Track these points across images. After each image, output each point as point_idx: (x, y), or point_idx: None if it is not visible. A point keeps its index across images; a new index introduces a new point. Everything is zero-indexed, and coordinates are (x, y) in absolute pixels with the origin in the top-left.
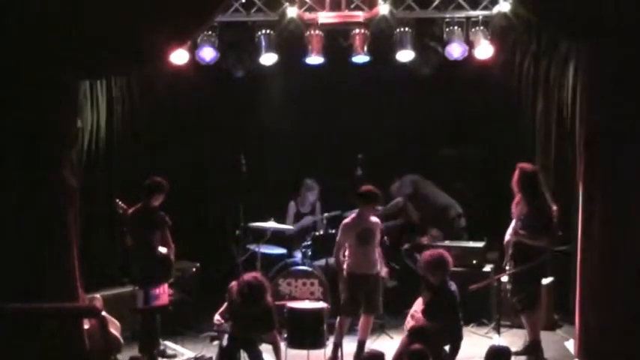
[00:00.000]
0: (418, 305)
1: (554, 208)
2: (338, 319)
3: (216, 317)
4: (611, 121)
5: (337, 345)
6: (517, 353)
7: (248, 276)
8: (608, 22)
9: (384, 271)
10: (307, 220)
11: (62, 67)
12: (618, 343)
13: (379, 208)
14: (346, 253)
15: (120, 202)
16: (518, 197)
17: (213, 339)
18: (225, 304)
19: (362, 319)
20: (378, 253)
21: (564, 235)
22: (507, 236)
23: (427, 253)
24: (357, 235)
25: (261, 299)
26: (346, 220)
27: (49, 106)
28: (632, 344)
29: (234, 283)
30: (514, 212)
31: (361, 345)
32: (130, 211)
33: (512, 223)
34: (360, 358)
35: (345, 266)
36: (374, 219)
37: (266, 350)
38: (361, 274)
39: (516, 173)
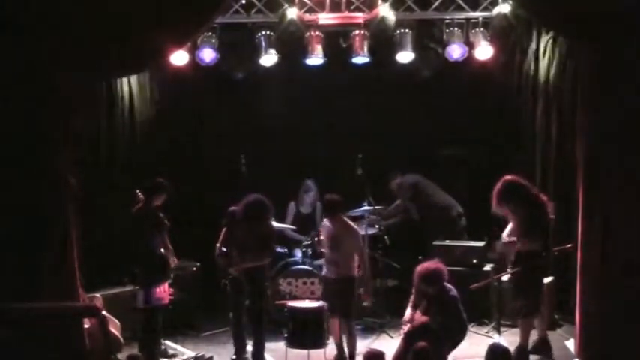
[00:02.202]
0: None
1: (551, 204)
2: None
3: (221, 251)
4: (611, 120)
5: (339, 345)
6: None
7: (253, 196)
8: (608, 22)
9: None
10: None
11: (62, 69)
12: (618, 342)
13: (379, 207)
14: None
15: (139, 195)
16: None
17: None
18: (223, 233)
19: (342, 324)
20: (354, 259)
21: (564, 235)
22: (505, 237)
23: (422, 267)
24: (326, 239)
25: (265, 217)
26: (324, 221)
27: (49, 107)
28: (632, 344)
29: (234, 208)
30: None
31: (350, 348)
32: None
33: (509, 225)
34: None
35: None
36: (348, 226)
37: (267, 350)
38: (331, 278)
39: (500, 186)
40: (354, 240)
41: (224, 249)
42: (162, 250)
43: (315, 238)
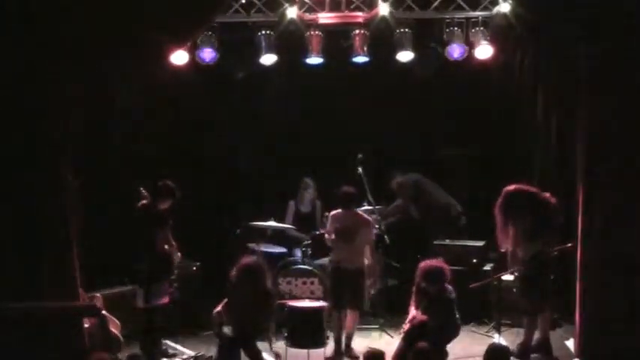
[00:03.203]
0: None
1: (552, 201)
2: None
3: (217, 309)
4: (611, 121)
5: (338, 340)
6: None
7: (246, 259)
8: (608, 23)
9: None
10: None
11: (62, 68)
12: (618, 342)
13: (379, 207)
14: None
15: (144, 191)
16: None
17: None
18: (226, 300)
19: (347, 314)
20: (366, 249)
21: (564, 235)
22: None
23: (425, 264)
24: (337, 230)
25: (259, 282)
26: (333, 212)
27: (48, 107)
28: (632, 344)
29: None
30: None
31: (347, 339)
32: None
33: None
34: (351, 354)
35: (329, 260)
36: (361, 217)
37: (265, 349)
38: (343, 269)
39: (501, 201)
40: (369, 231)
41: (219, 310)
42: (165, 246)
43: (327, 235)
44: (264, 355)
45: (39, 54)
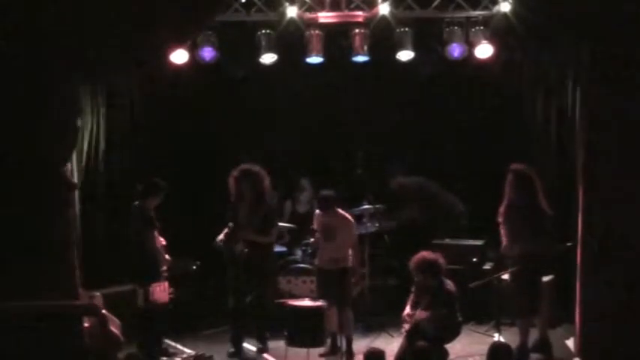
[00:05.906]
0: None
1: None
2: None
3: (220, 237)
4: (611, 120)
5: (333, 334)
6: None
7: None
8: (608, 22)
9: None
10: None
11: (61, 69)
12: (618, 341)
13: (379, 206)
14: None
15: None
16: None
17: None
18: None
19: (338, 314)
20: (349, 249)
21: (564, 234)
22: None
23: (417, 256)
24: (319, 229)
25: (259, 184)
26: (317, 211)
27: (48, 107)
28: (632, 343)
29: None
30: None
31: (347, 342)
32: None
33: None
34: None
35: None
36: (343, 216)
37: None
38: (326, 269)
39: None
40: (349, 230)
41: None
42: (153, 248)
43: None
44: (265, 355)
45: (39, 54)
